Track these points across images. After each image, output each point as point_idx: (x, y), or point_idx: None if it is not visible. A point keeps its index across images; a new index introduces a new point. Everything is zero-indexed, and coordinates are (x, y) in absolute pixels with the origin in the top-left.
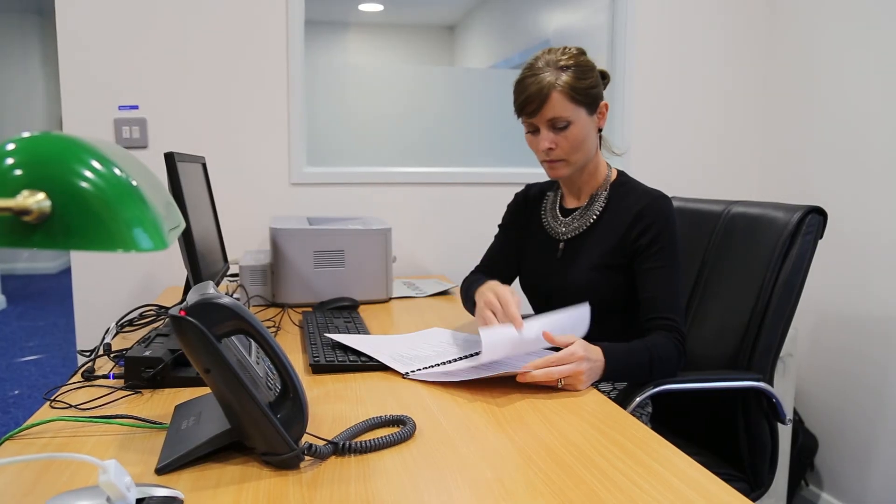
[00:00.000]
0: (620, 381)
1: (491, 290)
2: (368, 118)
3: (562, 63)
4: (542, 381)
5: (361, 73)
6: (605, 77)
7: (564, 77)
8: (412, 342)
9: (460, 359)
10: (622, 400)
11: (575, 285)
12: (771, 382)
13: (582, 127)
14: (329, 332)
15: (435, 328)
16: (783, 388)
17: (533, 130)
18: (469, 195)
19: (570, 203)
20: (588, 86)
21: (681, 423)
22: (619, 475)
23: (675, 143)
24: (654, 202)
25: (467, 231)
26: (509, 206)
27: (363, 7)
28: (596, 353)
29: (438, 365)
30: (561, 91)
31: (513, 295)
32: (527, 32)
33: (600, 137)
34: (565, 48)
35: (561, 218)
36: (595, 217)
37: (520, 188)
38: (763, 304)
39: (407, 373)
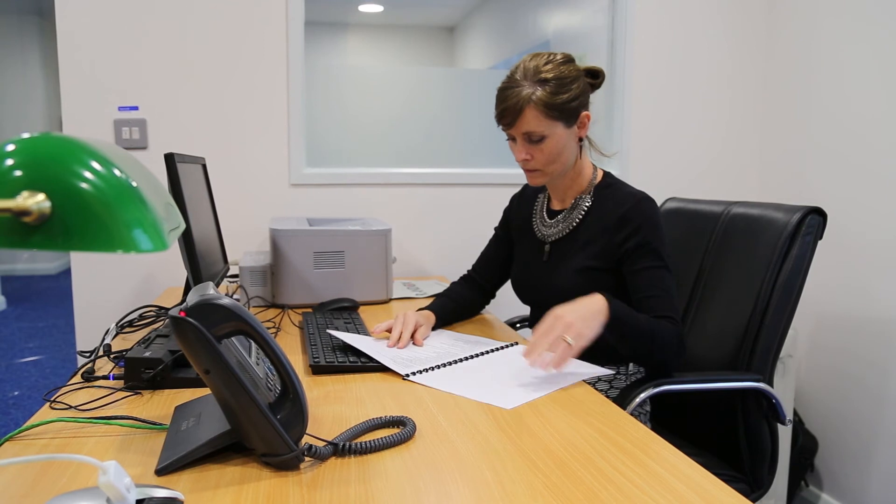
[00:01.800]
0: (623, 336)
1: (408, 314)
2: (368, 119)
3: (542, 75)
4: (542, 360)
5: (361, 73)
6: (596, 76)
7: (540, 92)
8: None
9: (463, 360)
10: (621, 400)
11: (560, 288)
12: (771, 383)
13: (557, 141)
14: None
15: (442, 331)
16: (783, 389)
17: (512, 138)
18: (468, 196)
19: (556, 205)
20: (566, 100)
21: (680, 423)
22: (619, 476)
23: (674, 143)
24: (637, 204)
25: (466, 232)
26: (505, 209)
27: (363, 8)
28: (587, 298)
29: (439, 367)
30: (534, 107)
31: (421, 323)
32: (526, 34)
33: (581, 144)
34: (550, 56)
35: (547, 220)
36: (578, 220)
37: (518, 188)
38: (763, 305)
39: (407, 374)
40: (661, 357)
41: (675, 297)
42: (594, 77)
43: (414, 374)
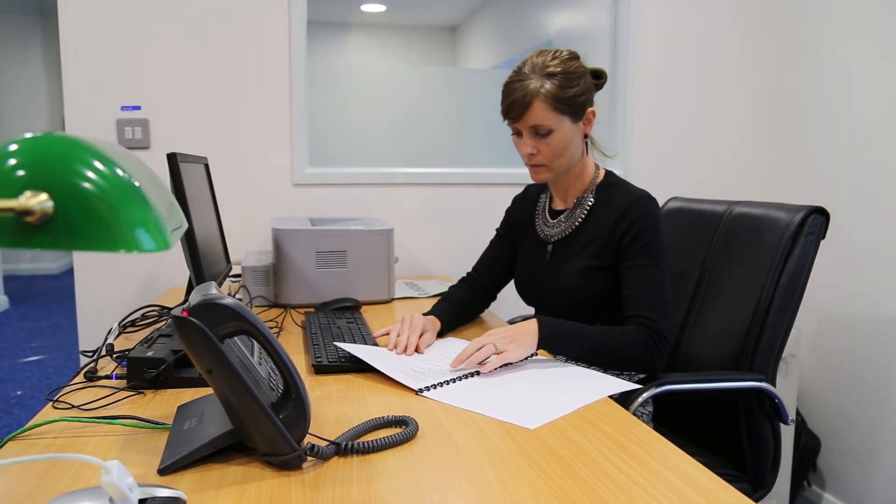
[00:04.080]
0: (565, 353)
1: (414, 317)
2: (370, 119)
3: (549, 69)
4: (467, 363)
5: (363, 73)
6: (600, 77)
7: (548, 85)
8: (428, 355)
9: (479, 373)
10: (623, 400)
11: (564, 287)
12: (773, 383)
13: (564, 135)
14: (332, 333)
15: (450, 338)
16: (785, 389)
17: (517, 133)
18: (471, 196)
19: (558, 205)
20: (573, 94)
21: (683, 423)
22: (621, 475)
23: (677, 143)
24: (637, 202)
25: (469, 232)
26: (507, 209)
27: (365, 8)
28: (523, 323)
29: (455, 381)
30: (543, 99)
31: (427, 328)
32: (529, 33)
33: (587, 142)
34: (556, 52)
35: (550, 220)
36: (581, 219)
37: (521, 189)
38: (765, 305)
39: (420, 390)
40: (623, 362)
41: (660, 296)
42: (597, 77)
43: (428, 388)
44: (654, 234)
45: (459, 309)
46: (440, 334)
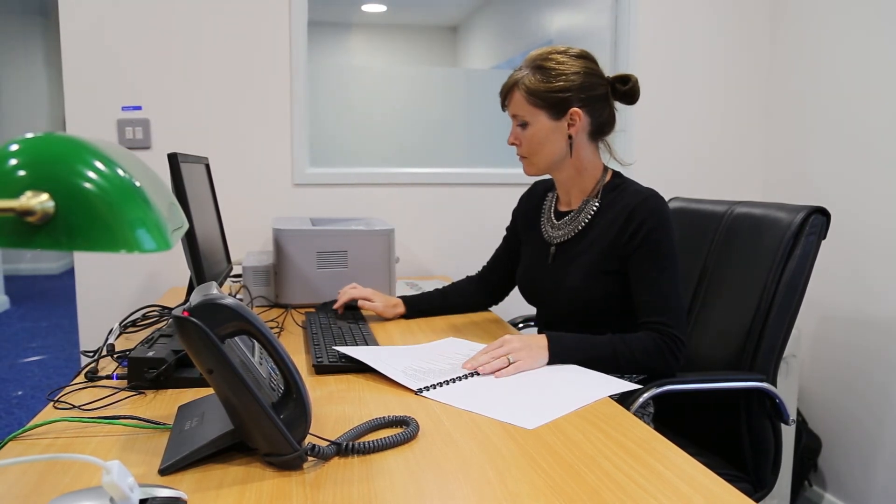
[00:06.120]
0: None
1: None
2: (371, 119)
3: (538, 62)
4: (481, 369)
5: (364, 73)
6: (625, 82)
7: (529, 77)
8: (428, 355)
9: (479, 374)
10: (624, 400)
11: (565, 290)
12: (774, 383)
13: (539, 130)
14: (333, 334)
15: (451, 338)
16: (786, 389)
17: None
18: (472, 196)
19: (563, 206)
20: (552, 89)
21: (684, 423)
22: (622, 476)
23: (678, 143)
24: (644, 201)
25: (470, 232)
26: (514, 209)
27: (366, 8)
28: (535, 336)
29: (454, 381)
30: (520, 90)
31: (370, 297)
32: (530, 33)
33: (571, 143)
34: (567, 48)
35: (554, 221)
36: (585, 223)
37: (522, 189)
38: (766, 305)
39: (419, 390)
40: (635, 370)
41: (673, 298)
42: (622, 83)
43: (427, 388)
44: (664, 232)
45: (442, 295)
46: (408, 316)
